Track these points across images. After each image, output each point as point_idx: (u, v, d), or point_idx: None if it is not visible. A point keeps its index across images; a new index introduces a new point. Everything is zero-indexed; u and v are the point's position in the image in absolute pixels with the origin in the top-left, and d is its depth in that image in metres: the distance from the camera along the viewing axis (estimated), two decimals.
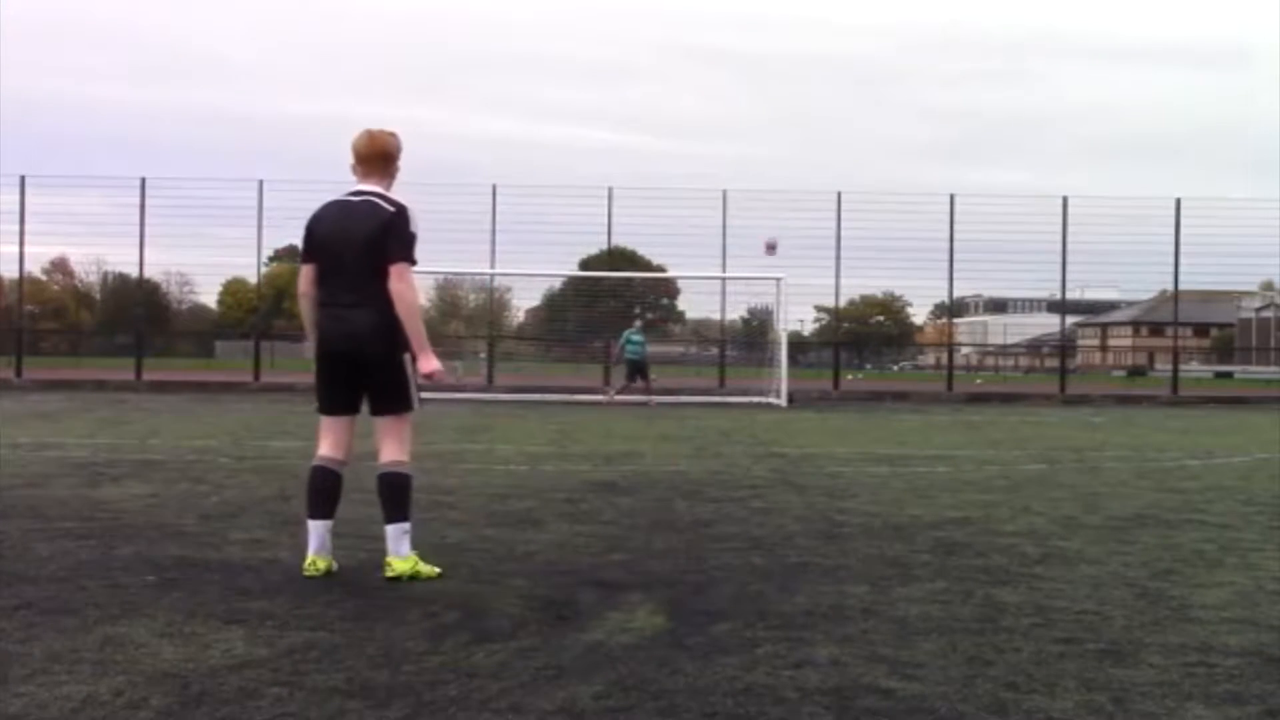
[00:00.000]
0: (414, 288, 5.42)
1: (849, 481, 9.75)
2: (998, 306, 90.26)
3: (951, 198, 29.77)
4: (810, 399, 27.04)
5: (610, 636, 4.38)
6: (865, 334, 66.85)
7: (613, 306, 32.38)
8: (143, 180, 29.25)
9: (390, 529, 5.40)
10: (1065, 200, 29.84)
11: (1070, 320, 61.84)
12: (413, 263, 5.40)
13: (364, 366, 5.41)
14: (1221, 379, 51.18)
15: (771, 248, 26.42)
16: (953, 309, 42.24)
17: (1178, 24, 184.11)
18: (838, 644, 4.31)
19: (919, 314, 69.80)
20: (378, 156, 5.52)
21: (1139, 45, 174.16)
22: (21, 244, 29.47)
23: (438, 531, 6.61)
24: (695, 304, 45.43)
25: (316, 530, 5.43)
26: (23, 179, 29.12)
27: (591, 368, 32.18)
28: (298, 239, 5.71)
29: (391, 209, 5.40)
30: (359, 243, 5.35)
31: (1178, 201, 29.65)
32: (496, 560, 5.89)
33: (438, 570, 5.41)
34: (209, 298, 64.82)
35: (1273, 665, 4.14)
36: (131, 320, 40.13)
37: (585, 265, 37.06)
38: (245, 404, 21.73)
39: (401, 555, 5.36)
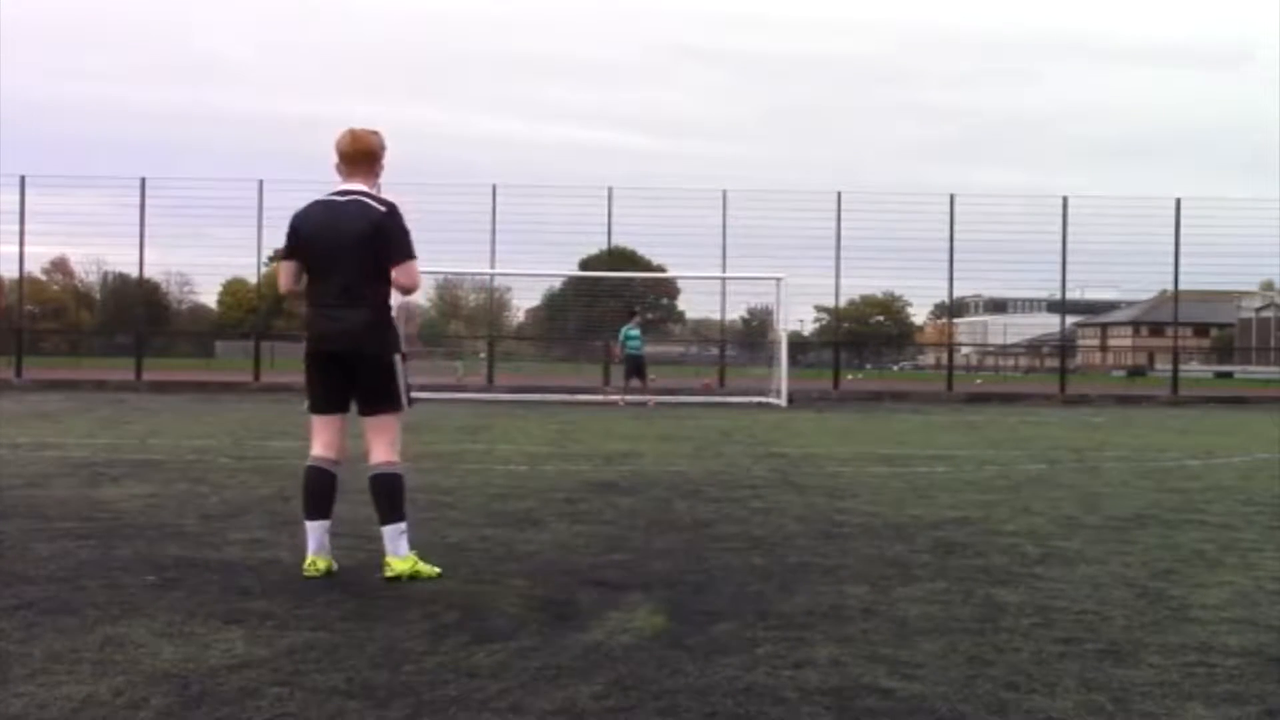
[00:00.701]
0: (420, 284, 5.49)
1: (849, 481, 9.75)
2: (998, 306, 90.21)
3: (951, 198, 29.76)
4: (810, 399, 27.03)
5: (610, 636, 4.38)
6: (865, 334, 66.82)
7: (612, 306, 32.32)
8: (143, 180, 29.24)
9: (387, 530, 5.40)
10: (1065, 200, 29.82)
11: (1070, 320, 61.83)
12: (415, 258, 5.43)
13: (357, 366, 5.41)
14: (1221, 379, 51.18)
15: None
16: (953, 309, 42.27)
17: (1178, 24, 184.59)
18: (838, 644, 4.31)
19: (919, 314, 69.78)
20: (362, 155, 5.50)
21: (1139, 45, 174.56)
22: (21, 244, 29.46)
23: (438, 531, 6.60)
24: (695, 304, 45.59)
25: (314, 531, 5.43)
26: (23, 179, 29.10)
27: (591, 367, 32.16)
28: None
29: (383, 209, 5.39)
30: (350, 243, 5.33)
31: (1178, 201, 29.64)
32: (496, 560, 5.89)
33: (437, 570, 5.41)
34: (209, 298, 64.81)
35: (1273, 665, 4.14)
36: (131, 320, 40.14)
37: (585, 265, 37.04)
38: (245, 404, 21.71)
39: (400, 555, 5.36)
